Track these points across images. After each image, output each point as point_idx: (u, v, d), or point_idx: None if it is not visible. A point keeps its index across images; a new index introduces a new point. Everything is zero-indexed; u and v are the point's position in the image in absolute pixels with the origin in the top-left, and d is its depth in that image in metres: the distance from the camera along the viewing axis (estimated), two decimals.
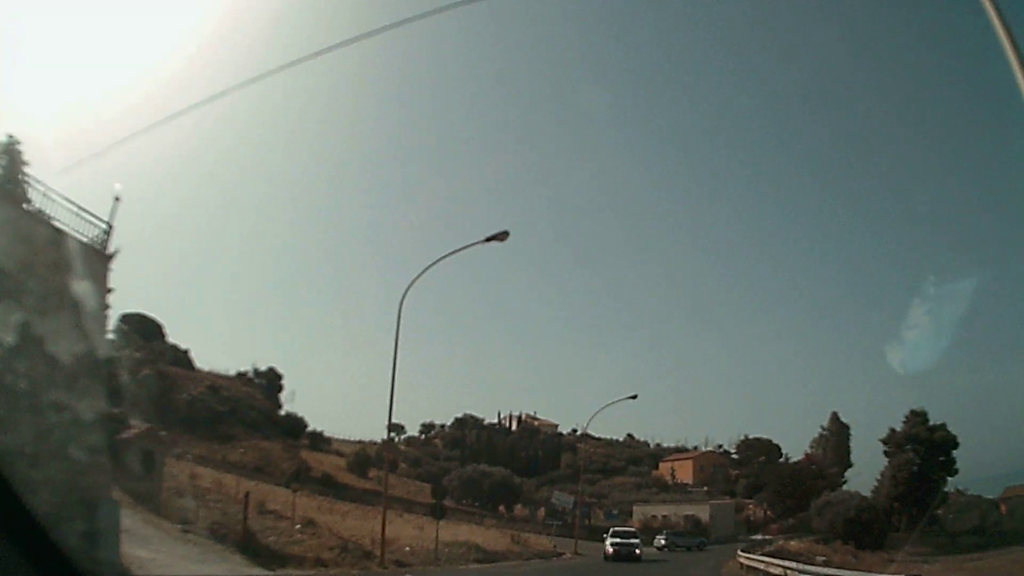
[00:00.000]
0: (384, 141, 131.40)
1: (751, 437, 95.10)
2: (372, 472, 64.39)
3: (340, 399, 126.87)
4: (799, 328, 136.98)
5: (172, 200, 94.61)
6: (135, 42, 57.93)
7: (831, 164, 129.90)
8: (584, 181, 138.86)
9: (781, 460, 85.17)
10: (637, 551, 37.87)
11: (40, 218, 15.07)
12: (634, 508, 73.34)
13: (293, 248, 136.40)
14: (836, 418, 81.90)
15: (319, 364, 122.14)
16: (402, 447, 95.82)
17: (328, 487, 52.66)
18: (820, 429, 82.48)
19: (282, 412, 69.51)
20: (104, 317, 15.94)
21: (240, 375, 70.43)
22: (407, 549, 25.93)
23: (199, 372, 64.78)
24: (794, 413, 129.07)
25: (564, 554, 41.76)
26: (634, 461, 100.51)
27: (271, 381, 72.04)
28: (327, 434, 74.93)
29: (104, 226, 16.23)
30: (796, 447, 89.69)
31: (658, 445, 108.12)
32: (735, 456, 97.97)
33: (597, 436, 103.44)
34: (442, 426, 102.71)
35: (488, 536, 39.60)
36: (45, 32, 44.34)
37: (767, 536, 56.68)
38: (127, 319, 47.77)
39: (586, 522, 59.80)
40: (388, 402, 24.88)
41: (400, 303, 25.16)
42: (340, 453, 69.97)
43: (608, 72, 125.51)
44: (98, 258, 16.00)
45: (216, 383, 62.15)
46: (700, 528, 63.61)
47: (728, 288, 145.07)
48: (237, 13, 67.36)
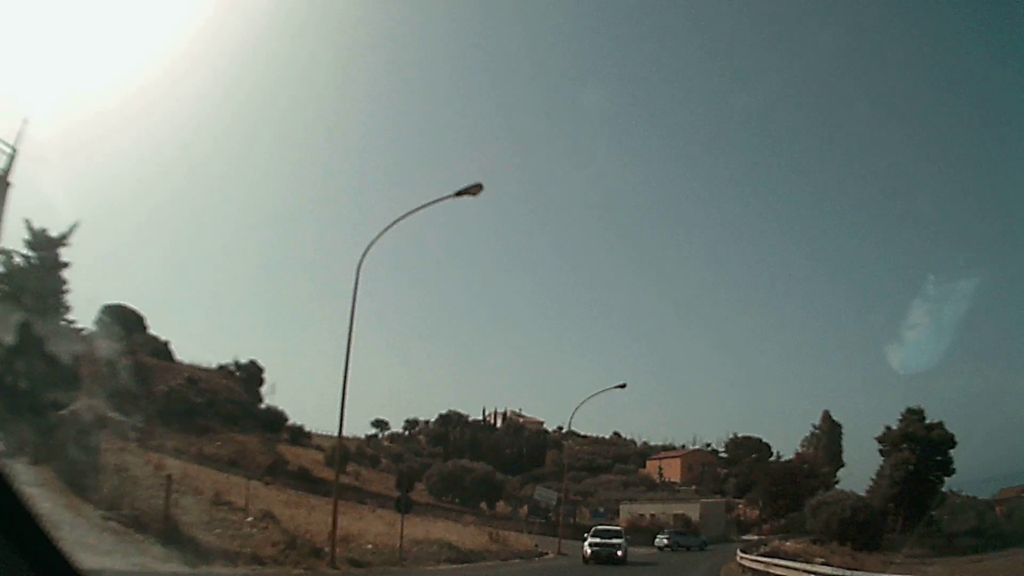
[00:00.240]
0: (373, 139, 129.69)
1: (741, 436, 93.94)
2: (351, 467, 62.88)
3: (323, 395, 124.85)
4: (790, 327, 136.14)
5: (156, 194, 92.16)
6: (125, 36, 55.62)
7: (829, 164, 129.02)
8: (574, 177, 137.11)
9: (772, 459, 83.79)
10: (620, 552, 33.37)
11: None
12: (621, 506, 71.72)
13: (278, 243, 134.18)
14: (828, 417, 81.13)
15: (303, 359, 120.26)
16: (385, 443, 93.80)
17: (304, 481, 51.07)
18: (811, 428, 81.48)
19: (262, 406, 67.48)
20: None
21: (221, 368, 68.86)
22: (369, 547, 23.42)
23: (179, 364, 64.08)
24: (785, 412, 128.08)
25: (547, 554, 39.22)
26: (621, 459, 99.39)
27: (252, 375, 70.05)
28: (308, 429, 73.02)
29: (8, 150, 13.86)
30: (787, 446, 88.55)
31: (645, 443, 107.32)
32: (724, 455, 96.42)
33: (583, 434, 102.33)
34: (426, 422, 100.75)
35: (465, 534, 37.02)
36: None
37: (760, 536, 55.22)
38: (109, 310, 47.27)
39: (571, 520, 57.37)
40: (345, 394, 22.26)
41: (358, 265, 22.75)
42: (320, 448, 67.91)
43: (598, 69, 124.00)
44: None
45: (195, 375, 61.29)
46: (690, 527, 61.81)
47: (718, 285, 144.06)
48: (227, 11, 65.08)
